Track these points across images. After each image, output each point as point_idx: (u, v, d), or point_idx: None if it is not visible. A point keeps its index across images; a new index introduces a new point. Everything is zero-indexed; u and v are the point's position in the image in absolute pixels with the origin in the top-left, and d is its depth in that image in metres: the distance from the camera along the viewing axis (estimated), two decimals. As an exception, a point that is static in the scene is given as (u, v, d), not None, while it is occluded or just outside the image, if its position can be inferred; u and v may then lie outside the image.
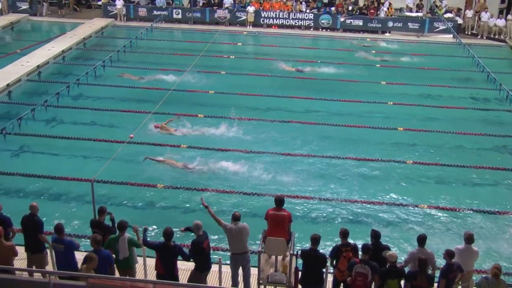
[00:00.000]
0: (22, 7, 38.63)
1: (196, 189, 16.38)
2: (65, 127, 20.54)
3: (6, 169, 17.14)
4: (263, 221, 11.84)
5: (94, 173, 13.79)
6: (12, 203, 14.46)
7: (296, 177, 17.42)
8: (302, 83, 25.76)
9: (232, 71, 27.45)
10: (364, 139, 20.16)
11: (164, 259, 10.72)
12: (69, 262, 10.60)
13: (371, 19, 35.74)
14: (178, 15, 37.38)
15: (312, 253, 10.78)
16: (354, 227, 14.36)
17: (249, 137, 19.99)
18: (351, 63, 29.16)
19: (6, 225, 11.37)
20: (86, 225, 12.14)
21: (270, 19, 36.66)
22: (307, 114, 22.20)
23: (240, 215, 11.39)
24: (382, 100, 23.76)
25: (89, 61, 28.22)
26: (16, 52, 29.95)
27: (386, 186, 17.23)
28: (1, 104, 22.84)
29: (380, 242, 10.94)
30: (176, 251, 10.69)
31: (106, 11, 38.08)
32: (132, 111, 21.46)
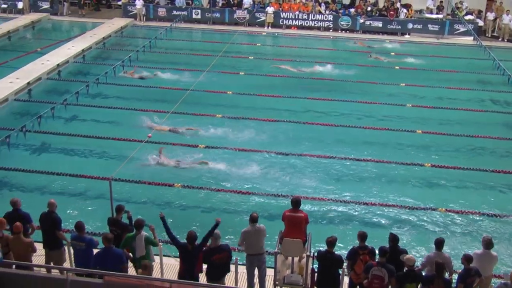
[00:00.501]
0: (43, 6, 38.99)
1: (214, 190, 16.40)
2: (84, 126, 20.68)
3: (26, 166, 17.26)
4: (279, 222, 11.81)
5: (112, 171, 13.86)
6: (31, 200, 14.58)
7: (313, 178, 17.38)
8: (321, 84, 25.68)
9: (250, 71, 27.44)
10: (382, 141, 20.04)
11: (184, 260, 10.73)
12: (88, 260, 10.66)
13: (391, 20, 35.54)
14: (197, 15, 37.48)
15: (328, 255, 10.73)
16: (372, 230, 14.26)
17: (266, 138, 20.00)
18: (370, 65, 29.06)
19: (25, 221, 11.48)
20: (104, 223, 12.19)
21: (289, 20, 36.60)
22: (324, 115, 22.11)
23: (258, 216, 11.33)
24: (401, 102, 23.60)
25: (109, 60, 28.40)
26: (36, 50, 30.22)
27: (404, 189, 17.10)
28: (22, 102, 23.07)
29: (398, 245, 10.85)
30: (195, 254, 10.64)
31: (126, 11, 38.30)
32: (151, 111, 21.54)
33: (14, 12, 38.64)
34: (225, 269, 10.87)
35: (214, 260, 10.64)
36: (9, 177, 17.03)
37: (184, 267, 10.71)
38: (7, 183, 16.80)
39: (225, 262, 10.75)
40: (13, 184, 16.77)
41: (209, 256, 10.68)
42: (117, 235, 11.44)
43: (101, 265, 9.85)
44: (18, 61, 27.78)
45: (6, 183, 16.82)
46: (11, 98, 22.93)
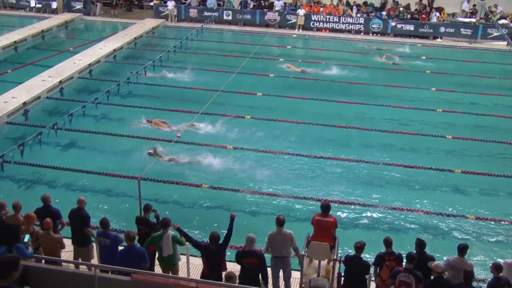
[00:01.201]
0: (77, 6, 39.51)
1: (241, 191, 16.40)
2: (114, 125, 20.87)
3: (56, 163, 17.50)
4: (305, 224, 11.77)
5: (141, 170, 13.96)
6: (61, 197, 14.76)
7: (341, 182, 17.29)
8: (350, 88, 25.54)
9: (280, 73, 27.41)
10: (411, 146, 19.85)
11: (209, 260, 10.74)
12: (113, 256, 10.74)
13: (423, 24, 35.20)
14: (228, 16, 37.61)
15: (356, 260, 10.67)
16: (399, 236, 14.20)
17: (294, 140, 19.97)
18: (400, 69, 28.87)
19: (55, 217, 11.62)
20: (131, 221, 12.28)
21: (320, 23, 36.50)
22: (353, 119, 21.99)
23: (284, 219, 11.24)
24: (432, 107, 23.35)
25: (140, 60, 28.63)
26: (69, 50, 30.66)
27: (434, 194, 16.89)
28: (54, 100, 23.38)
29: (425, 251, 10.71)
30: (219, 253, 10.66)
31: (158, 11, 38.60)
32: (180, 111, 21.66)
33: (48, 12, 39.23)
34: (256, 275, 10.65)
35: (244, 264, 10.57)
36: (40, 174, 17.26)
37: (209, 267, 10.72)
38: (38, 180, 17.02)
39: (255, 268, 10.56)
40: (44, 180, 16.98)
41: (240, 258, 10.63)
42: (145, 234, 11.52)
43: (124, 263, 9.92)
44: (51, 60, 28.21)
45: (37, 179, 17.05)
46: (43, 96, 23.25)
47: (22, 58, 29.27)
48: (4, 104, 21.54)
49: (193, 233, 13.44)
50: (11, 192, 15.49)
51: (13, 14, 39.26)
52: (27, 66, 27.62)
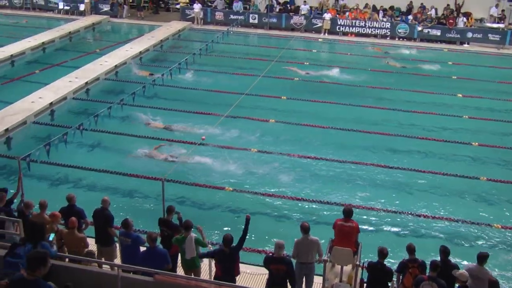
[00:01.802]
0: (104, 9, 39.89)
1: (263, 194, 16.38)
2: (139, 126, 20.97)
3: (81, 163, 17.68)
4: (327, 228, 11.71)
5: (165, 172, 14.01)
6: (85, 196, 14.89)
7: (365, 187, 17.19)
8: (374, 92, 25.38)
9: (305, 77, 27.35)
10: (436, 152, 19.63)
11: (222, 263, 10.71)
12: (135, 256, 10.78)
13: (450, 29, 34.87)
14: (254, 20, 37.66)
15: (379, 266, 10.57)
16: (423, 243, 14.01)
17: (318, 144, 19.89)
18: (426, 74, 28.60)
19: (79, 217, 11.72)
20: (154, 222, 12.33)
21: (346, 27, 36.36)
22: (377, 124, 21.82)
23: (309, 225, 11.18)
24: (458, 113, 23.09)
25: (165, 62, 28.83)
26: (95, 51, 30.95)
27: (458, 202, 16.70)
28: (80, 101, 23.61)
29: (449, 259, 10.57)
30: (233, 256, 10.64)
31: (184, 14, 38.81)
32: (205, 113, 21.72)
33: (76, 14, 39.66)
34: (283, 281, 10.57)
35: (272, 269, 10.53)
36: (65, 173, 17.42)
37: (222, 270, 10.69)
38: (63, 179, 17.19)
39: (282, 274, 10.48)
40: (69, 180, 17.15)
41: (268, 263, 10.59)
42: (168, 236, 11.55)
43: (146, 264, 9.95)
44: (78, 61, 28.54)
45: (62, 179, 17.22)
46: (69, 96, 23.50)
47: (50, 59, 29.66)
48: (31, 104, 21.81)
49: (214, 235, 13.51)
50: (37, 191, 15.62)
51: (42, 15, 39.75)
52: (54, 67, 27.98)
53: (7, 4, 41.04)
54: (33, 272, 7.46)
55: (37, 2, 40.52)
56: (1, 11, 40.60)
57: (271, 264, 10.48)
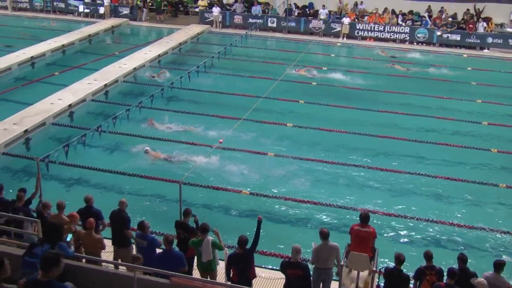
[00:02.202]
0: (124, 12, 40.18)
1: (280, 198, 16.34)
2: (156, 128, 21.04)
3: (100, 165, 17.76)
4: (346, 234, 11.67)
5: (182, 174, 14.03)
6: (102, 198, 14.96)
7: (382, 192, 17.11)
8: (393, 98, 25.20)
9: (323, 82, 27.26)
10: (454, 158, 19.43)
11: (236, 266, 10.66)
12: (150, 258, 10.82)
13: (470, 34, 34.60)
14: (273, 23, 37.68)
15: (396, 272, 10.48)
16: (440, 250, 13.91)
17: (337, 149, 19.83)
18: (446, 79, 28.41)
19: (97, 218, 11.80)
20: (171, 224, 12.36)
21: (365, 31, 36.25)
22: (397, 129, 21.70)
23: (328, 231, 11.11)
24: (477, 119, 22.88)
25: (184, 65, 28.92)
26: (114, 54, 31.14)
27: (476, 209, 16.54)
28: (98, 103, 23.75)
29: (468, 267, 10.43)
30: (247, 257, 10.60)
31: (203, 17, 38.94)
32: (223, 117, 21.74)
33: (95, 17, 40.01)
34: (300, 286, 10.47)
35: (288, 274, 10.45)
36: (83, 175, 17.52)
37: (237, 273, 10.65)
38: (81, 180, 17.31)
39: (298, 279, 10.38)
40: (87, 181, 17.27)
41: (284, 268, 10.51)
42: (184, 238, 11.57)
43: (161, 266, 9.96)
44: (97, 64, 28.73)
45: (80, 180, 17.33)
46: (88, 98, 23.67)
47: (70, 61, 29.90)
48: (50, 105, 22.00)
49: (231, 238, 13.47)
50: (55, 192, 15.75)
51: (62, 18, 40.13)
52: (74, 69, 28.21)
53: (28, 7, 41.47)
54: (47, 273, 7.52)
55: (58, 5, 40.92)
56: (22, 13, 41.05)
57: (288, 269, 10.41)
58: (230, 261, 10.76)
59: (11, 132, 19.46)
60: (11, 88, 24.96)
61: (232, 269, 10.78)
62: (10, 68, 27.59)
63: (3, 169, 17.92)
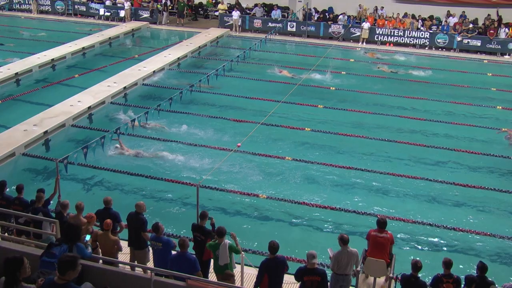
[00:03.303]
0: (144, 15, 40.43)
1: (296, 202, 16.29)
2: (175, 131, 21.13)
3: (117, 167, 17.93)
4: (362, 240, 11.61)
5: (200, 177, 14.06)
6: (119, 199, 15.03)
7: (401, 198, 17.03)
8: (412, 103, 25.06)
9: (342, 87, 27.17)
10: (473, 165, 19.30)
11: (270, 274, 10.46)
12: (165, 260, 10.84)
13: (490, 40, 34.31)
14: (292, 28, 37.69)
15: (412, 279, 10.37)
16: (459, 258, 13.76)
17: (356, 154, 19.78)
18: (463, 85, 28.17)
19: (114, 220, 11.87)
20: (186, 227, 12.38)
21: (385, 36, 36.12)
22: (418, 135, 21.60)
23: (348, 237, 11.03)
24: (496, 125, 22.68)
25: (203, 69, 29.05)
26: (134, 57, 31.34)
27: (495, 216, 16.36)
28: (117, 106, 23.89)
29: (486, 276, 10.27)
30: (282, 263, 10.47)
31: (223, 21, 39.06)
32: (241, 121, 21.78)
33: (116, 20, 40.32)
34: None
35: (305, 281, 10.25)
36: (101, 176, 17.66)
37: (269, 281, 10.47)
38: (98, 182, 17.43)
39: (316, 286, 10.23)
40: (104, 183, 17.40)
41: (301, 275, 10.31)
42: (201, 241, 11.58)
43: (174, 268, 9.99)
44: (117, 66, 28.96)
45: (98, 181, 17.46)
46: (108, 101, 23.84)
47: (90, 64, 30.14)
48: (70, 107, 22.19)
49: (248, 242, 13.49)
50: (74, 193, 15.88)
51: (83, 21, 40.47)
52: (93, 71, 28.42)
53: (50, 10, 41.89)
54: (63, 276, 7.60)
55: (79, 9, 41.28)
56: (43, 16, 41.48)
57: (305, 276, 10.24)
58: (263, 266, 10.52)
59: (31, 133, 19.65)
60: (31, 90, 25.19)
61: (266, 277, 10.50)
62: (31, 70, 27.86)
63: (23, 170, 18.11)
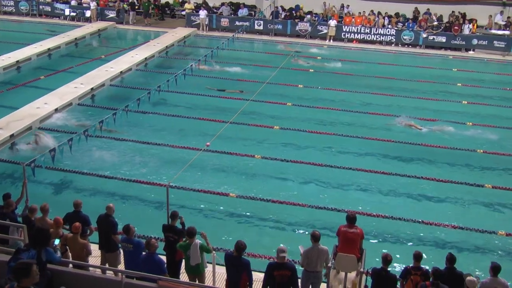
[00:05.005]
0: (110, 15, 40.09)
1: (268, 200, 16.30)
2: (144, 132, 21.03)
3: (86, 169, 17.75)
4: (334, 236, 11.71)
5: (170, 178, 14.01)
6: (88, 202, 14.85)
7: (369, 194, 17.22)
8: (384, 100, 25.34)
9: (310, 84, 27.28)
10: (442, 159, 19.57)
11: (230, 272, 10.60)
12: (137, 262, 10.78)
13: (455, 36, 34.83)
14: (259, 26, 37.75)
15: (383, 272, 10.54)
16: (428, 250, 13.99)
17: (323, 152, 19.90)
18: (427, 80, 28.58)
19: (84, 223, 11.76)
20: (157, 227, 12.33)
21: (351, 34, 36.40)
22: (387, 131, 21.86)
23: (320, 235, 11.09)
24: (462, 120, 23.03)
25: (171, 69, 28.89)
26: (101, 57, 31.03)
27: (463, 209, 16.67)
28: (85, 107, 23.64)
29: (455, 267, 10.50)
30: (244, 265, 10.52)
31: (190, 20, 38.94)
32: (210, 120, 21.76)
33: (82, 20, 39.85)
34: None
35: (275, 276, 10.27)
36: (70, 179, 17.49)
37: (229, 279, 10.65)
38: (67, 185, 17.27)
39: (286, 281, 10.29)
40: (73, 185, 17.23)
41: (271, 270, 10.33)
42: (174, 241, 11.54)
43: (143, 270, 9.95)
44: (83, 67, 28.62)
45: (67, 184, 17.29)
46: (75, 102, 23.57)
47: (56, 65, 29.72)
48: (36, 110, 21.90)
49: (218, 241, 13.48)
50: (42, 196, 15.62)
51: (48, 22, 39.88)
52: (60, 73, 28.03)
53: (13, 11, 41.25)
54: (19, 284, 7.54)
55: (43, 9, 40.73)
56: (7, 17, 40.81)
57: (275, 270, 10.28)
58: (226, 260, 10.62)
59: (-3, 136, 19.36)
60: (-4, 93, 24.82)
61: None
62: (-5, 72, 27.46)
63: (-11, 174, 17.86)
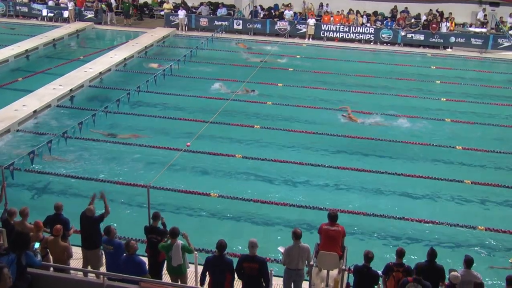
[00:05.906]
0: (88, 15, 39.77)
1: (249, 200, 16.32)
2: (123, 132, 20.92)
3: (66, 171, 17.64)
4: (316, 234, 11.74)
5: (150, 179, 13.96)
6: (68, 204, 14.72)
7: (350, 191, 17.32)
8: (364, 98, 25.48)
9: (290, 83, 27.34)
10: (420, 156, 19.77)
11: (215, 273, 10.51)
12: (118, 264, 10.69)
13: (433, 34, 35.11)
14: (239, 26, 37.72)
15: (365, 269, 10.58)
16: (409, 246, 14.09)
17: (304, 150, 19.95)
18: (407, 78, 28.80)
19: (65, 226, 11.66)
20: (139, 229, 12.29)
21: (330, 32, 36.51)
22: (367, 129, 21.99)
23: (301, 232, 11.11)
24: (441, 117, 23.29)
25: (150, 69, 28.74)
26: (79, 58, 30.80)
27: (443, 205, 16.83)
28: (64, 109, 23.47)
29: (436, 262, 10.62)
30: (228, 264, 10.49)
31: (169, 20, 38.79)
32: (190, 120, 21.73)
33: (60, 21, 39.45)
34: (256, 282, 10.47)
35: (245, 267, 10.36)
36: (49, 181, 17.35)
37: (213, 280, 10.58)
38: (47, 187, 17.12)
39: (255, 274, 10.36)
40: (53, 188, 17.08)
41: (241, 262, 10.42)
42: (157, 242, 11.48)
43: (124, 271, 9.91)
44: (62, 68, 28.39)
45: (46, 187, 17.14)
46: (54, 104, 23.39)
47: (34, 67, 29.47)
48: (15, 112, 21.70)
49: (200, 242, 13.45)
50: (21, 199, 15.52)
51: (25, 22, 39.48)
52: (38, 74, 27.80)
53: (-11, 12, 40.83)
54: None
55: (20, 9, 40.31)
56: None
57: (244, 263, 10.36)
58: (208, 264, 10.56)
59: (-26, 139, 19.18)
60: (-27, 95, 24.54)
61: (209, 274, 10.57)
62: (-28, 74, 27.17)
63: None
